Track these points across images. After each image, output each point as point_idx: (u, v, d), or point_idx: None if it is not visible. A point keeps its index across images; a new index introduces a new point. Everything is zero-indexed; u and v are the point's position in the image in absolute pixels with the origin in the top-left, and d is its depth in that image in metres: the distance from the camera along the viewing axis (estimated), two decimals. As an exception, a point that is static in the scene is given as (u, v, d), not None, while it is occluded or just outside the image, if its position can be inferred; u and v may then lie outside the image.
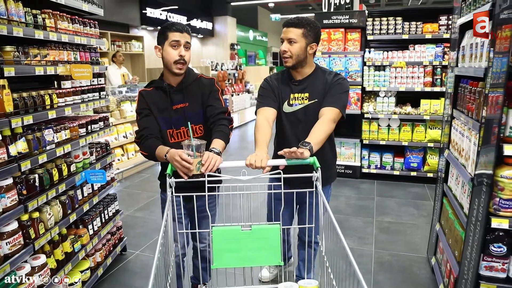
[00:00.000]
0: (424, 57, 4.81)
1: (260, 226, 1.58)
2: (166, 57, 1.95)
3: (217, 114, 2.01)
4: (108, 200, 3.01)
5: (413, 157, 5.10)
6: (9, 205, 1.85)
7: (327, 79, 2.08)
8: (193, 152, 1.63)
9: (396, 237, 3.59)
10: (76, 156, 2.53)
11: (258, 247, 1.55)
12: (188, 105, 2.05)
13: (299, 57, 2.02)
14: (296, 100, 2.12)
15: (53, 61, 2.25)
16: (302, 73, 2.12)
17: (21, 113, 1.95)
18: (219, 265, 1.56)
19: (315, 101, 2.08)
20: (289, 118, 2.14)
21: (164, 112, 2.04)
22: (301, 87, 2.11)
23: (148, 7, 9.39)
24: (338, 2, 5.54)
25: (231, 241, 1.55)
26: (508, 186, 1.71)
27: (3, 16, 1.83)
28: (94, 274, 2.72)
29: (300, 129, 2.12)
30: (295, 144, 2.02)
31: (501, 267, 1.83)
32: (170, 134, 2.06)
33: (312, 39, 2.04)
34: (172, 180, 1.60)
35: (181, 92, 2.04)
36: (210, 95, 2.07)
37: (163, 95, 2.04)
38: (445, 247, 2.47)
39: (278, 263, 1.56)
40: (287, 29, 2.03)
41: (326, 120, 1.94)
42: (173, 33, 1.92)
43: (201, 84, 2.09)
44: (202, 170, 1.64)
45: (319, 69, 2.15)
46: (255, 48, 17.89)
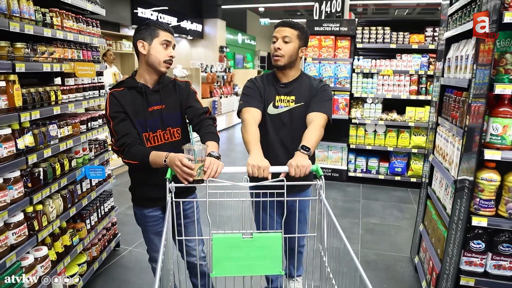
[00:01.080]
0: (410, 66, 5.01)
1: (261, 234, 1.56)
2: (155, 55, 1.85)
3: (200, 114, 1.96)
4: (105, 196, 3.07)
5: (398, 162, 5.30)
6: (16, 197, 1.91)
7: (312, 84, 2.09)
8: (193, 157, 1.57)
9: (381, 237, 3.75)
10: (76, 151, 2.59)
11: (259, 256, 1.52)
12: (165, 106, 1.94)
13: (292, 57, 2.00)
14: (281, 102, 2.09)
15: (59, 59, 2.31)
16: (288, 76, 2.09)
17: (29, 108, 2.01)
18: (218, 273, 1.51)
19: (300, 104, 2.06)
20: (273, 120, 2.10)
21: (138, 114, 1.88)
22: (287, 89, 2.09)
23: (139, 7, 9.41)
24: (329, 10, 5.71)
25: (232, 249, 1.50)
26: (488, 188, 1.87)
27: (15, 14, 1.89)
28: (90, 268, 2.77)
29: (284, 132, 2.09)
30: (278, 147, 2.09)
31: (479, 262, 1.98)
32: (146, 138, 1.91)
33: (303, 42, 2.04)
34: (172, 185, 1.55)
35: (157, 93, 1.93)
36: (188, 97, 2.01)
37: (137, 95, 1.89)
38: (428, 246, 2.62)
39: (279, 272, 1.54)
40: (282, 28, 2.00)
41: (318, 126, 1.93)
42: (165, 32, 1.87)
43: (177, 86, 2.01)
44: (205, 177, 1.59)
45: (304, 74, 2.15)
46: (244, 51, 18.02)
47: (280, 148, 2.09)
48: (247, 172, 1.66)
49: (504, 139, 1.81)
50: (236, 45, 16.71)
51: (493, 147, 1.83)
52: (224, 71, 10.88)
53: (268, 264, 1.52)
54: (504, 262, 1.95)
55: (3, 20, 1.78)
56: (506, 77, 1.83)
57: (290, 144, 2.06)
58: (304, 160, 1.68)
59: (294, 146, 1.90)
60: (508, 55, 1.83)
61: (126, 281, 2.91)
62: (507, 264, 1.95)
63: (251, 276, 1.70)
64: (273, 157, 1.96)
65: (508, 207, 1.87)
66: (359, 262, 1.13)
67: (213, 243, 1.49)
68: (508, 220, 1.87)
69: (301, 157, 1.72)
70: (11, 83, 1.87)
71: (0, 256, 1.80)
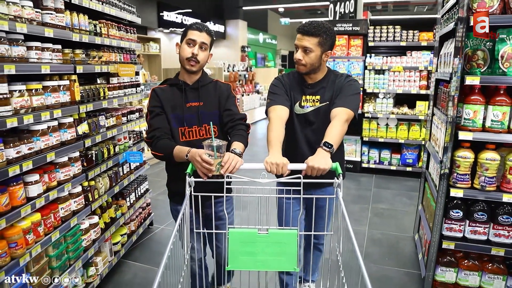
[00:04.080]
0: (420, 63, 5.29)
1: (277, 230, 1.56)
2: (181, 53, 1.95)
3: (236, 119, 1.99)
4: (141, 179, 3.55)
5: (409, 154, 5.58)
6: (76, 172, 2.39)
7: (338, 81, 2.05)
8: (213, 152, 1.60)
9: (388, 220, 4.08)
10: (119, 139, 3.07)
11: (274, 252, 1.52)
12: (203, 104, 2.02)
13: (314, 65, 1.98)
14: (307, 102, 2.08)
15: (106, 61, 2.79)
16: (314, 78, 2.08)
17: (85, 102, 2.49)
18: (234, 267, 1.54)
19: (326, 103, 2.05)
20: (300, 119, 2.10)
21: (176, 109, 1.99)
22: (313, 90, 2.08)
23: (165, 10, 9.98)
24: (343, 11, 6.04)
25: (247, 244, 1.52)
26: (463, 164, 2.21)
27: (76, 26, 2.37)
28: (130, 239, 3.26)
29: (310, 130, 2.10)
30: (304, 145, 2.10)
31: (458, 228, 2.32)
32: (181, 132, 2.00)
33: (328, 47, 1.97)
34: (192, 179, 1.59)
35: (196, 91, 2.02)
36: (228, 99, 2.06)
37: (177, 92, 2.01)
38: (424, 222, 2.96)
39: (293, 269, 1.54)
40: (302, 36, 1.94)
41: (341, 121, 1.87)
42: (192, 31, 1.92)
43: (218, 87, 2.08)
44: (222, 172, 1.61)
45: (331, 73, 2.11)
46: (265, 51, 18.43)
47: (306, 146, 2.10)
48: (265, 169, 1.67)
49: (475, 122, 2.15)
50: (258, 45, 17.13)
51: (466, 129, 2.17)
52: (246, 70, 11.33)
53: (283, 260, 1.53)
54: (479, 228, 2.29)
55: (68, 32, 2.26)
56: (478, 70, 2.18)
57: (316, 142, 2.05)
58: (323, 160, 1.64)
59: (319, 143, 1.93)
60: (479, 52, 2.17)
61: (159, 252, 3.38)
62: (482, 229, 2.28)
63: (266, 272, 1.73)
64: (299, 154, 2.03)
65: (480, 181, 2.20)
66: (365, 240, 1.30)
67: (229, 237, 1.52)
68: (481, 191, 2.21)
69: (321, 155, 1.69)
70: (72, 82, 2.35)
71: (66, 218, 2.29)
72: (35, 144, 1.99)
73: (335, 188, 1.57)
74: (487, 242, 2.30)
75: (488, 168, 2.17)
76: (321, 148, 1.73)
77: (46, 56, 2.10)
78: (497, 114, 2.10)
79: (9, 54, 1.81)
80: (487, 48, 2.17)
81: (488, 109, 2.14)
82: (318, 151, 1.72)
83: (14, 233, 1.85)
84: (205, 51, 1.97)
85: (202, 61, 1.96)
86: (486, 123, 2.15)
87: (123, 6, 3.11)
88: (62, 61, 2.26)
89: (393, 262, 3.21)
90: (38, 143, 2.02)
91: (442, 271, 2.43)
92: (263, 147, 8.01)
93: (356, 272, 1.24)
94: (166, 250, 1.32)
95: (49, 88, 2.13)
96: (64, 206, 2.27)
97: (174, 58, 2.26)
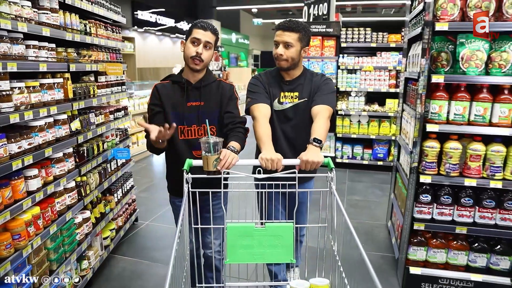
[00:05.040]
0: (389, 63, 5.62)
1: (273, 224, 1.61)
2: (185, 52, 1.96)
3: (237, 122, 2.00)
4: (127, 176, 3.64)
5: (380, 149, 5.90)
6: (70, 168, 2.47)
7: (315, 80, 2.13)
8: (210, 149, 1.63)
9: (362, 210, 4.35)
10: (107, 136, 3.15)
11: (271, 245, 1.57)
12: (204, 104, 2.03)
13: (294, 60, 2.04)
14: (286, 98, 2.13)
15: (95, 60, 2.87)
16: (292, 75, 2.14)
17: (77, 99, 2.56)
18: (232, 260, 1.58)
19: (304, 100, 2.11)
20: (279, 115, 2.14)
21: (177, 108, 2.01)
22: (291, 86, 2.14)
23: (139, 9, 9.94)
24: (316, 13, 6.30)
25: (245, 237, 1.56)
26: (430, 153, 2.47)
27: (68, 26, 2.45)
28: (118, 234, 3.34)
29: (288, 126, 2.14)
30: (283, 141, 2.15)
31: (427, 211, 2.59)
32: (180, 130, 2.03)
33: (305, 43, 2.05)
34: (189, 176, 1.62)
35: (198, 90, 2.03)
36: (230, 101, 2.07)
37: (179, 90, 2.03)
38: (396, 209, 3.23)
39: (290, 260, 1.59)
40: (283, 32, 2.00)
41: (324, 118, 1.96)
42: (197, 30, 1.93)
43: (221, 87, 2.08)
44: (219, 167, 1.64)
45: (307, 71, 2.19)
46: (237, 50, 18.59)
47: (284, 142, 2.15)
48: (261, 165, 1.71)
49: (440, 116, 2.41)
50: (230, 45, 17.27)
51: (433, 122, 2.43)
52: (220, 69, 11.43)
53: (280, 253, 1.58)
54: (445, 210, 2.56)
55: (62, 32, 2.34)
56: (442, 70, 2.44)
57: (294, 138, 2.15)
58: (316, 155, 1.71)
59: (298, 139, 2.05)
60: (443, 54, 2.44)
61: (145, 246, 3.48)
62: (447, 211, 2.55)
63: (263, 264, 1.83)
64: (278, 150, 2.02)
65: (446, 167, 2.47)
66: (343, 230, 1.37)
67: (227, 232, 1.56)
68: (446, 177, 2.48)
69: (313, 151, 1.75)
70: (66, 80, 2.43)
71: (62, 212, 2.37)
72: (34, 139, 2.07)
73: (328, 182, 1.63)
74: (452, 222, 2.57)
75: (452, 156, 2.44)
76: (311, 144, 1.79)
77: (42, 54, 2.18)
78: (459, 108, 2.37)
79: (11, 52, 1.89)
80: (450, 50, 2.44)
81: (451, 104, 2.41)
82: (309, 147, 1.78)
83: (17, 225, 1.93)
84: (210, 50, 1.98)
85: (206, 60, 1.97)
86: (450, 117, 2.42)
87: (110, 6, 3.19)
88: (56, 60, 2.34)
89: (369, 247, 3.46)
90: (37, 138, 2.10)
91: (413, 250, 2.68)
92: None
93: (351, 261, 1.32)
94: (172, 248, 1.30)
95: (45, 85, 2.20)
96: (60, 200, 2.35)
97: (148, 57, 2.30)
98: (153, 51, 11.22)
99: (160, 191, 4.99)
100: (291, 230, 1.57)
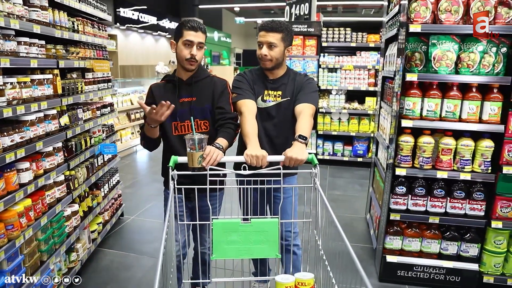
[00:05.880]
0: (368, 62, 5.81)
1: (259, 219, 1.62)
2: (179, 54, 2.00)
3: (228, 118, 2.04)
4: (113, 171, 3.69)
5: (360, 146, 6.10)
6: (59, 162, 2.52)
7: (298, 79, 2.18)
8: (194, 146, 1.65)
9: (342, 204, 4.52)
10: (94, 132, 3.20)
11: (257, 240, 1.59)
12: (196, 99, 2.07)
13: (278, 60, 2.09)
14: (269, 96, 2.17)
15: (82, 57, 2.92)
16: (276, 74, 2.18)
17: (66, 95, 2.61)
18: (218, 256, 1.60)
19: (287, 99, 2.16)
20: (262, 113, 2.17)
21: None
22: (275, 85, 2.18)
23: (121, 7, 9.88)
24: (298, 12, 6.44)
25: (231, 233, 1.58)
26: (405, 147, 2.64)
27: (57, 23, 2.50)
28: (104, 228, 3.39)
29: (271, 124, 2.18)
30: (264, 139, 2.16)
31: (402, 202, 2.75)
32: (174, 126, 2.08)
33: (288, 42, 2.09)
34: (175, 172, 1.64)
35: (189, 86, 2.08)
36: (222, 96, 2.09)
37: (172, 88, 2.09)
38: (374, 202, 3.40)
39: (275, 256, 1.61)
40: (266, 33, 2.04)
41: (308, 115, 2.01)
42: (188, 31, 1.95)
43: (213, 82, 2.12)
44: (204, 164, 1.66)
45: (291, 71, 2.24)
46: (219, 49, 18.63)
47: (265, 139, 2.17)
48: (246, 161, 1.73)
49: (414, 112, 2.58)
50: (213, 43, 17.30)
51: (408, 118, 2.59)
52: (203, 67, 11.47)
53: (266, 248, 1.60)
54: (419, 201, 2.73)
55: (52, 29, 2.39)
56: (416, 69, 2.61)
57: (275, 136, 2.18)
58: (301, 152, 1.75)
59: (279, 137, 2.09)
60: (417, 54, 2.60)
61: (132, 240, 3.55)
62: (421, 202, 2.73)
63: (249, 259, 1.88)
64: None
65: (419, 161, 2.64)
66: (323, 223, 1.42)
67: (213, 228, 1.58)
68: (420, 170, 2.65)
69: (298, 147, 1.79)
70: (55, 76, 2.48)
71: (52, 204, 2.42)
72: (25, 133, 2.12)
73: (312, 177, 1.66)
74: (426, 213, 2.74)
75: (425, 150, 2.61)
76: (296, 141, 1.83)
77: (33, 50, 2.22)
78: (431, 105, 2.54)
79: (3, 48, 1.94)
80: (423, 50, 2.61)
81: (424, 101, 2.58)
82: (294, 143, 1.82)
83: (10, 216, 1.98)
84: (202, 49, 2.03)
85: (200, 59, 2.03)
86: (423, 113, 2.59)
87: (96, 4, 3.24)
88: (46, 56, 2.38)
89: (348, 239, 3.55)
90: (28, 132, 2.15)
91: (390, 240, 2.85)
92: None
93: (336, 255, 1.34)
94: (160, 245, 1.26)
95: (36, 81, 2.25)
96: (50, 193, 2.40)
97: (130, 55, 2.35)
98: (135, 48, 11.17)
99: (145, 187, 5.05)
100: (276, 225, 1.60)
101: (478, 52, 2.45)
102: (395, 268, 2.84)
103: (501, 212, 2.59)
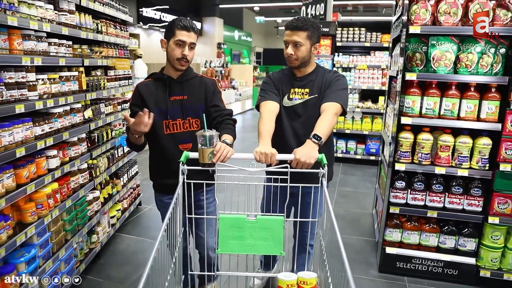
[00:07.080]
0: (382, 62, 5.89)
1: (264, 216, 1.64)
2: (170, 53, 1.98)
3: (224, 115, 2.08)
4: (132, 163, 3.94)
5: (372, 144, 6.19)
6: (83, 151, 2.78)
7: (327, 76, 2.13)
8: (205, 142, 1.67)
9: (351, 200, 4.65)
10: (115, 125, 3.45)
11: (262, 237, 1.60)
12: (187, 98, 2.07)
13: (305, 58, 2.07)
14: (296, 94, 2.14)
15: (105, 56, 3.17)
16: (304, 72, 2.16)
17: (90, 91, 2.86)
18: (223, 250, 1.63)
19: (314, 96, 2.11)
20: (288, 112, 2.15)
21: (160, 103, 2.05)
22: (302, 83, 2.15)
23: (144, 6, 10.24)
24: (314, 12, 6.57)
25: (236, 229, 1.60)
26: (405, 143, 2.77)
27: (83, 25, 2.75)
28: (123, 215, 3.65)
29: (298, 123, 2.14)
30: (292, 138, 2.15)
31: (402, 196, 2.88)
32: (165, 124, 2.06)
33: (315, 39, 2.06)
34: (185, 167, 1.67)
35: (180, 84, 2.07)
36: (214, 95, 2.12)
37: (161, 86, 2.07)
38: (378, 196, 3.52)
39: (279, 253, 1.62)
40: (291, 32, 2.02)
41: (330, 114, 1.95)
42: (180, 31, 1.94)
43: (203, 82, 2.14)
44: (214, 160, 1.68)
45: (319, 67, 2.20)
46: (240, 48, 18.85)
47: (293, 138, 2.15)
48: (255, 159, 1.74)
49: (413, 110, 2.70)
50: (233, 42, 17.54)
51: (407, 115, 2.71)
52: (222, 66, 11.73)
53: (270, 245, 1.62)
54: (418, 195, 2.85)
55: (78, 31, 2.64)
56: (416, 69, 2.73)
57: (303, 134, 2.10)
58: (309, 154, 1.71)
59: (306, 135, 1.94)
60: (418, 54, 2.72)
61: (148, 227, 3.80)
62: (420, 196, 2.85)
63: (254, 255, 1.84)
64: (286, 146, 2.07)
65: (418, 157, 2.76)
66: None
67: (220, 222, 1.61)
68: (419, 165, 2.77)
69: (308, 148, 1.76)
70: (80, 73, 2.73)
71: (76, 189, 2.68)
72: (54, 124, 2.37)
73: (320, 177, 1.64)
74: (424, 207, 2.86)
75: (424, 146, 2.73)
76: (310, 139, 1.80)
77: (61, 50, 2.48)
78: (430, 103, 2.66)
79: (37, 48, 2.19)
80: (423, 51, 2.72)
81: (423, 99, 2.69)
82: (306, 142, 1.80)
83: (40, 196, 2.23)
84: (193, 49, 2.03)
85: (191, 59, 2.03)
86: (422, 111, 2.71)
87: (118, 7, 3.49)
88: (72, 55, 2.64)
89: (354, 232, 3.76)
90: (56, 123, 2.40)
91: (390, 232, 2.98)
92: (240, 139, 8.47)
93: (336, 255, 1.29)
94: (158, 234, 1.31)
95: (63, 78, 2.50)
96: (74, 179, 2.65)
97: (152, 53, 2.45)
98: (157, 47, 11.51)
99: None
100: (282, 223, 1.60)
101: (476, 53, 2.55)
102: (395, 260, 2.97)
103: (498, 208, 2.68)
